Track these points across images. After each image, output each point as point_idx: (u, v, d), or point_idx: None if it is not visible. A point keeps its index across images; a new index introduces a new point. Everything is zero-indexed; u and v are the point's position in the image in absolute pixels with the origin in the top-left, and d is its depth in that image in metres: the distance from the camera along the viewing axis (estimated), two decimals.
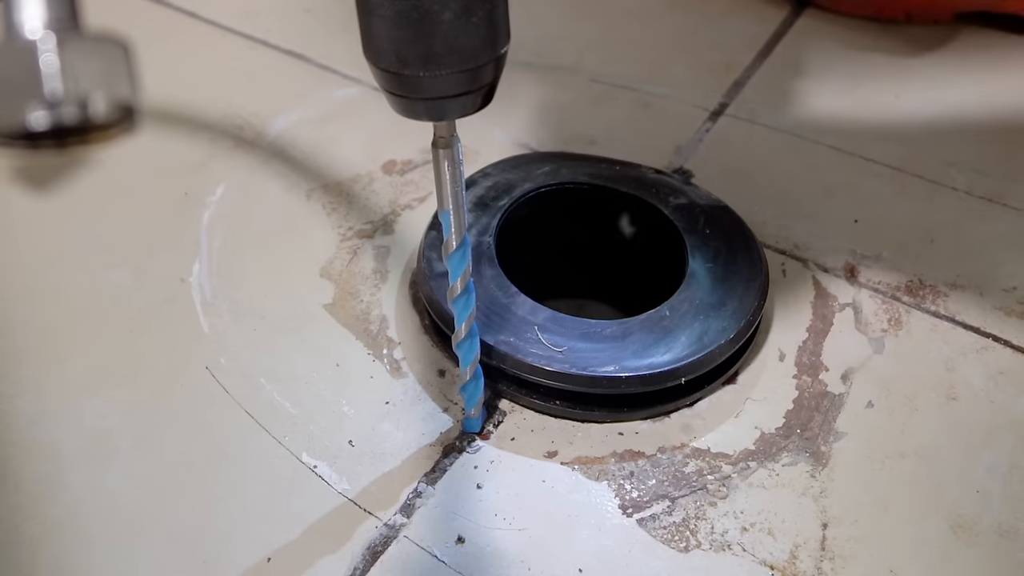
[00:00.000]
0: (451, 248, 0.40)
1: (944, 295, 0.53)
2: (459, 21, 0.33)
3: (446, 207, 0.39)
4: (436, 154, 0.38)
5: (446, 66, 0.33)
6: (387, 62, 0.34)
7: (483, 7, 0.33)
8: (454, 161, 0.38)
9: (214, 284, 0.54)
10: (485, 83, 0.35)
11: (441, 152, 0.38)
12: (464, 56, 0.34)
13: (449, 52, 0.33)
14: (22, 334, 0.51)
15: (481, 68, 0.34)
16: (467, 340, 0.43)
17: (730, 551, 0.42)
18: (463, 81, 0.34)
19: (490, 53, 0.34)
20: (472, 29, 0.33)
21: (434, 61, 0.33)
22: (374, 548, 0.43)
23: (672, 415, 0.48)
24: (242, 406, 0.48)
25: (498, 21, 0.34)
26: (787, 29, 0.73)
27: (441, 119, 0.36)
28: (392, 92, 0.35)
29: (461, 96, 0.35)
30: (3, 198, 0.59)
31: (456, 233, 0.40)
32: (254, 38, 0.73)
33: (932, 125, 0.64)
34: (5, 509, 0.44)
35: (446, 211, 0.39)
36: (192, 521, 0.44)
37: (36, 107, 0.23)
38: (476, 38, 0.33)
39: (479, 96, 0.35)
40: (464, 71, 0.34)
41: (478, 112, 0.36)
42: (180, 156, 0.62)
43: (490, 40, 0.34)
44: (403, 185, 0.60)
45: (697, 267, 0.49)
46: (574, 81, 0.68)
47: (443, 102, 0.35)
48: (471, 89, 0.35)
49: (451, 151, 0.38)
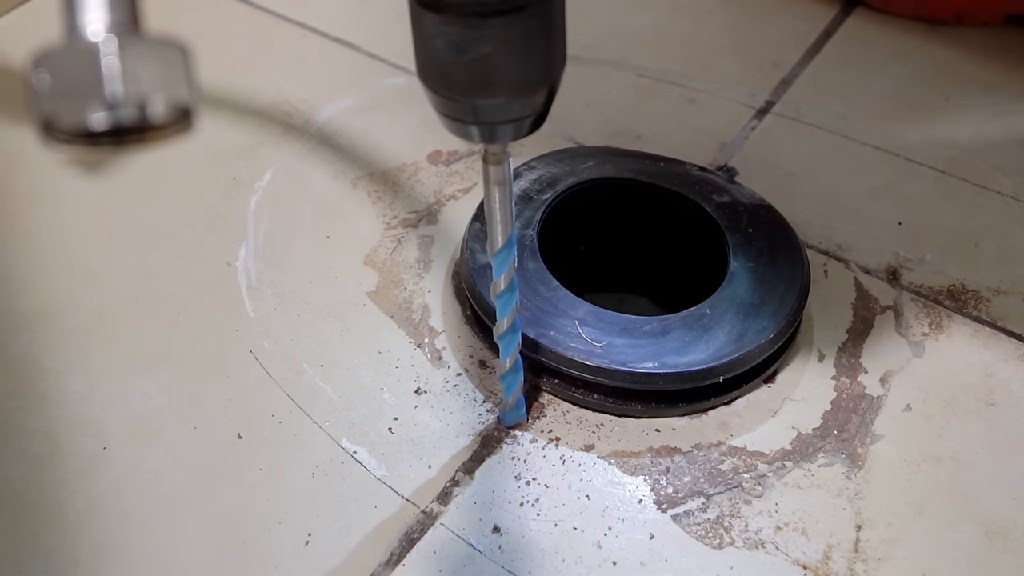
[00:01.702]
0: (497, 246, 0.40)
1: (986, 301, 0.53)
2: (516, 51, 0.33)
3: (494, 219, 0.39)
4: (486, 170, 0.38)
5: (501, 94, 0.33)
6: (442, 87, 0.34)
7: (540, 38, 0.33)
8: (504, 179, 0.38)
9: (260, 269, 0.55)
10: (538, 108, 0.35)
11: (492, 168, 0.38)
12: (519, 84, 0.33)
13: (505, 80, 0.33)
14: (71, 314, 0.52)
15: (535, 95, 0.34)
16: (509, 333, 0.43)
17: (763, 549, 0.43)
18: (516, 107, 0.34)
19: (545, 81, 0.34)
20: (528, 58, 0.33)
21: (489, 89, 0.33)
22: (411, 535, 0.43)
23: (709, 412, 0.48)
24: (284, 390, 0.49)
25: (554, 49, 0.34)
26: (836, 28, 0.72)
27: (493, 142, 0.36)
28: (446, 115, 0.35)
29: (514, 121, 0.35)
30: (54, 181, 0.60)
31: (503, 234, 0.40)
32: (305, 25, 0.74)
33: (979, 129, 0.63)
34: (52, 483, 0.45)
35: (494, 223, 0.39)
36: (232, 502, 0.44)
37: (96, 108, 0.23)
38: (532, 66, 0.33)
39: (532, 120, 0.35)
40: (518, 98, 0.34)
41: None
42: (229, 141, 0.63)
43: (546, 68, 0.34)
44: (448, 175, 0.60)
45: (739, 266, 0.49)
46: (621, 76, 0.69)
47: (496, 126, 0.35)
48: (524, 115, 0.35)
49: (501, 168, 0.38)
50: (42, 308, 0.53)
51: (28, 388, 0.49)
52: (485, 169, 0.38)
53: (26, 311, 0.52)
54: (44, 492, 0.45)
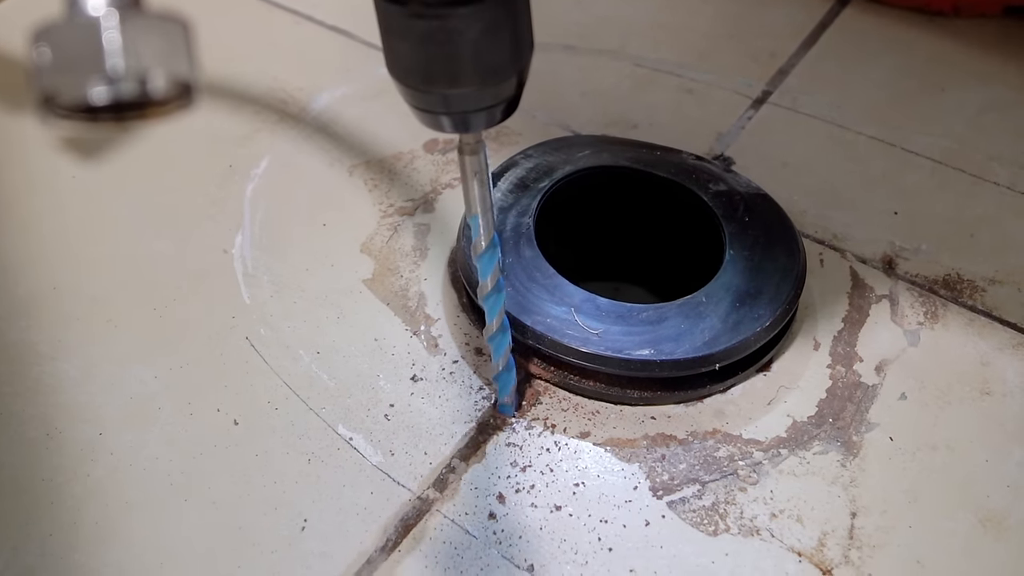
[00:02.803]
0: (480, 249, 0.41)
1: (982, 290, 0.53)
2: (483, 40, 0.33)
3: (474, 211, 0.40)
4: (462, 160, 0.38)
5: (470, 83, 0.34)
6: (412, 80, 0.34)
7: (506, 25, 0.33)
8: (480, 167, 0.38)
9: (256, 256, 0.55)
10: (509, 96, 0.35)
11: (468, 159, 0.38)
12: (488, 72, 0.34)
13: (473, 69, 0.33)
14: (69, 300, 0.52)
15: (505, 82, 0.34)
16: (499, 334, 0.43)
17: (758, 536, 0.43)
18: (487, 96, 0.35)
19: (514, 67, 0.34)
20: (496, 46, 0.33)
21: (459, 79, 0.33)
22: (407, 521, 0.43)
23: (705, 400, 0.48)
24: (280, 377, 0.49)
25: (521, 36, 0.34)
26: (833, 19, 0.72)
27: (466, 131, 0.37)
28: (417, 107, 0.35)
29: (485, 109, 0.35)
30: (52, 167, 0.60)
31: (485, 234, 0.40)
32: (300, 13, 0.73)
33: (976, 119, 0.63)
34: (49, 468, 0.45)
35: (475, 215, 0.40)
36: (229, 488, 0.45)
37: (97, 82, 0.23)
38: (500, 54, 0.33)
39: (503, 107, 0.36)
40: (488, 86, 0.34)
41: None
42: (226, 129, 0.63)
43: (514, 55, 0.34)
44: (444, 164, 0.60)
45: (735, 254, 0.50)
46: (618, 65, 0.69)
47: (468, 116, 0.35)
48: (495, 102, 0.35)
49: (477, 157, 0.38)
50: (39, 294, 0.53)
51: (25, 373, 0.49)
52: (461, 160, 0.38)
53: (23, 297, 0.52)
54: (41, 477, 0.45)
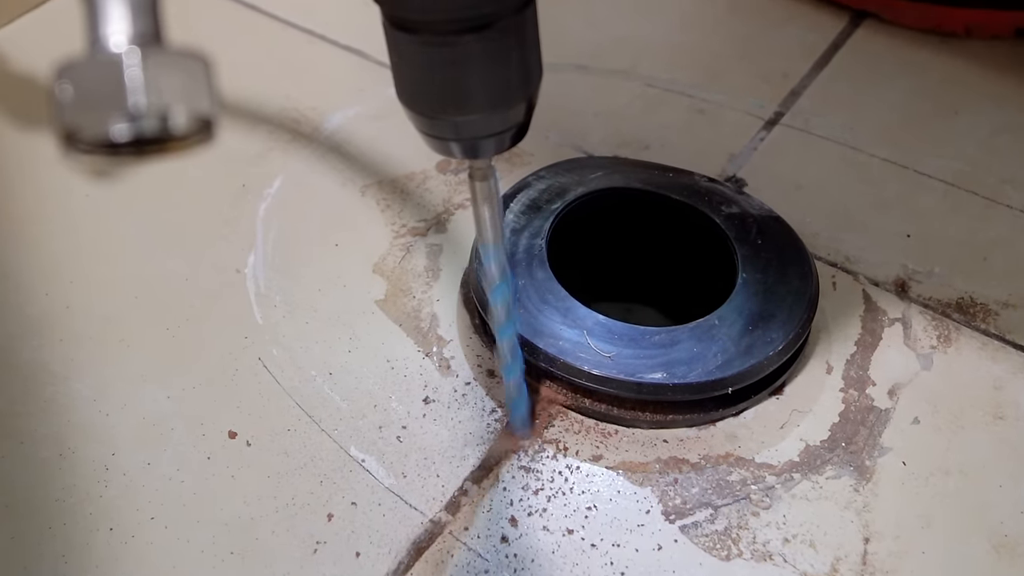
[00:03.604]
0: (492, 278, 0.41)
1: (995, 314, 0.53)
2: (491, 66, 0.33)
3: (485, 239, 0.39)
4: (473, 186, 0.38)
5: (479, 109, 0.34)
6: (421, 106, 0.34)
7: (515, 51, 0.33)
8: (491, 193, 0.38)
9: (268, 276, 0.55)
10: (518, 122, 0.35)
11: (478, 184, 0.38)
12: (497, 98, 0.34)
13: (482, 96, 0.33)
14: (82, 320, 0.52)
15: (514, 108, 0.34)
16: (512, 363, 0.43)
17: (771, 561, 0.43)
18: (496, 122, 0.34)
19: (523, 93, 0.34)
20: (504, 73, 0.33)
21: (467, 105, 0.33)
22: (419, 544, 0.43)
23: (718, 424, 0.48)
24: (292, 398, 0.49)
25: (529, 62, 0.34)
26: (845, 39, 0.72)
27: (476, 157, 0.36)
28: (427, 133, 0.35)
29: (495, 135, 0.35)
30: (65, 185, 0.60)
31: (496, 262, 0.40)
32: (313, 32, 0.74)
33: (989, 141, 0.63)
34: (62, 489, 0.45)
35: (485, 243, 0.39)
36: (241, 509, 0.45)
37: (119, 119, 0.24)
38: (508, 81, 0.33)
39: (513, 133, 0.35)
40: (497, 112, 0.34)
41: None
42: (239, 148, 0.63)
43: (522, 81, 0.34)
44: (457, 184, 0.60)
45: (747, 277, 0.50)
46: (630, 85, 0.69)
47: (477, 142, 0.35)
48: (505, 128, 0.35)
49: (487, 184, 0.38)
50: (52, 313, 0.53)
51: (37, 393, 0.49)
52: (472, 186, 0.38)
53: (36, 316, 0.53)
54: (54, 497, 0.45)
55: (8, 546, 0.43)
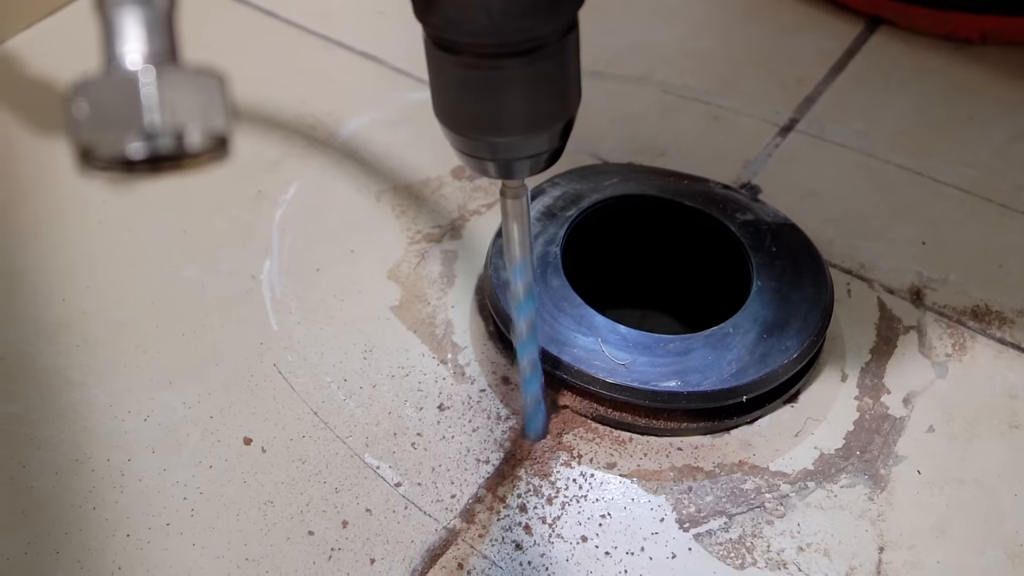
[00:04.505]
0: (518, 297, 0.41)
1: (1010, 322, 0.52)
2: (532, 90, 0.33)
3: (513, 255, 0.39)
4: (504, 204, 0.38)
5: (517, 132, 0.34)
6: (458, 125, 0.34)
7: (556, 77, 0.33)
8: (522, 212, 0.38)
9: (284, 282, 0.55)
10: (555, 145, 0.35)
11: (509, 202, 0.38)
12: (535, 122, 0.34)
13: (520, 119, 0.33)
14: (98, 325, 0.53)
15: (551, 131, 0.34)
16: (532, 376, 0.44)
17: (785, 570, 0.43)
18: (533, 144, 0.34)
19: (561, 117, 0.34)
20: (544, 97, 0.33)
21: (505, 128, 0.34)
22: (433, 551, 0.43)
23: (732, 432, 0.48)
24: (308, 404, 0.49)
25: (570, 86, 0.34)
26: (860, 46, 0.72)
27: (510, 178, 0.36)
28: (462, 152, 0.35)
29: (530, 157, 0.35)
30: (82, 192, 0.61)
31: (524, 285, 0.40)
32: (329, 39, 0.74)
33: (1004, 148, 0.63)
34: (77, 494, 0.45)
35: (513, 260, 0.39)
36: (255, 515, 0.45)
37: (134, 137, 0.24)
38: (548, 105, 0.34)
39: (548, 156, 0.36)
40: (535, 135, 0.34)
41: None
42: (254, 154, 0.63)
43: (562, 105, 0.34)
44: (472, 190, 0.60)
45: (762, 285, 0.50)
46: (645, 92, 0.69)
47: (512, 163, 0.35)
48: (541, 151, 0.35)
49: (519, 202, 0.38)
50: (68, 319, 0.53)
51: (54, 399, 0.49)
52: (503, 203, 0.38)
53: (52, 322, 0.53)
54: (70, 503, 0.45)
55: (25, 551, 0.43)
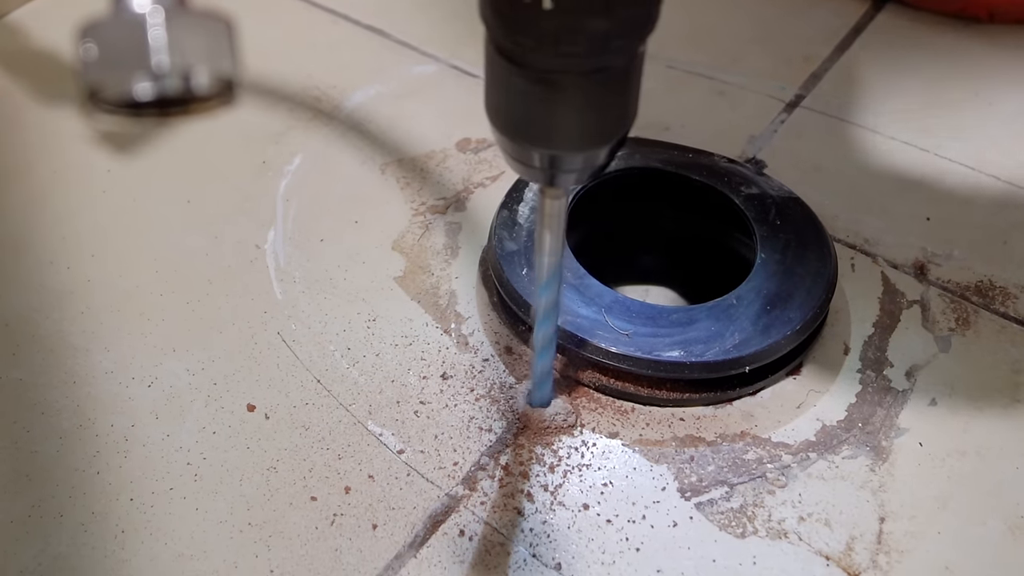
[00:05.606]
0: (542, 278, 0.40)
1: (1014, 297, 0.52)
2: (590, 108, 0.32)
3: (544, 253, 0.38)
4: (542, 201, 0.37)
5: (569, 146, 0.33)
6: (510, 131, 0.33)
7: (617, 96, 0.32)
8: (559, 213, 0.37)
9: (288, 252, 0.55)
10: (603, 162, 0.35)
11: (548, 202, 0.37)
12: (588, 138, 0.33)
13: (575, 134, 0.33)
14: (103, 293, 0.53)
15: (601, 149, 0.34)
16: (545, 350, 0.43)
17: (786, 539, 0.43)
18: (582, 158, 0.34)
19: (614, 136, 0.34)
20: (601, 115, 0.32)
21: (558, 140, 0.33)
22: (435, 517, 0.43)
23: (734, 403, 0.48)
24: (312, 372, 0.49)
25: (628, 106, 0.33)
26: (867, 23, 0.72)
27: (554, 187, 0.36)
28: (509, 155, 0.35)
29: (578, 171, 0.34)
30: (87, 161, 0.61)
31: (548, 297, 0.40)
32: (336, 12, 0.74)
33: (1009, 125, 0.63)
34: (83, 459, 0.45)
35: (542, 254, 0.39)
36: (260, 481, 0.45)
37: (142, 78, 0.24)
38: (603, 122, 0.33)
39: (596, 170, 0.35)
40: (584, 151, 0.33)
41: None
42: (260, 125, 0.63)
43: (617, 123, 0.33)
44: (477, 163, 0.60)
45: (766, 257, 0.50)
46: (651, 67, 0.68)
47: (559, 174, 0.35)
48: (591, 166, 0.34)
49: (559, 203, 0.37)
50: (73, 287, 0.53)
51: (58, 365, 0.49)
52: (541, 201, 0.37)
53: (57, 289, 0.53)
54: (74, 467, 0.45)
55: (29, 515, 0.44)
